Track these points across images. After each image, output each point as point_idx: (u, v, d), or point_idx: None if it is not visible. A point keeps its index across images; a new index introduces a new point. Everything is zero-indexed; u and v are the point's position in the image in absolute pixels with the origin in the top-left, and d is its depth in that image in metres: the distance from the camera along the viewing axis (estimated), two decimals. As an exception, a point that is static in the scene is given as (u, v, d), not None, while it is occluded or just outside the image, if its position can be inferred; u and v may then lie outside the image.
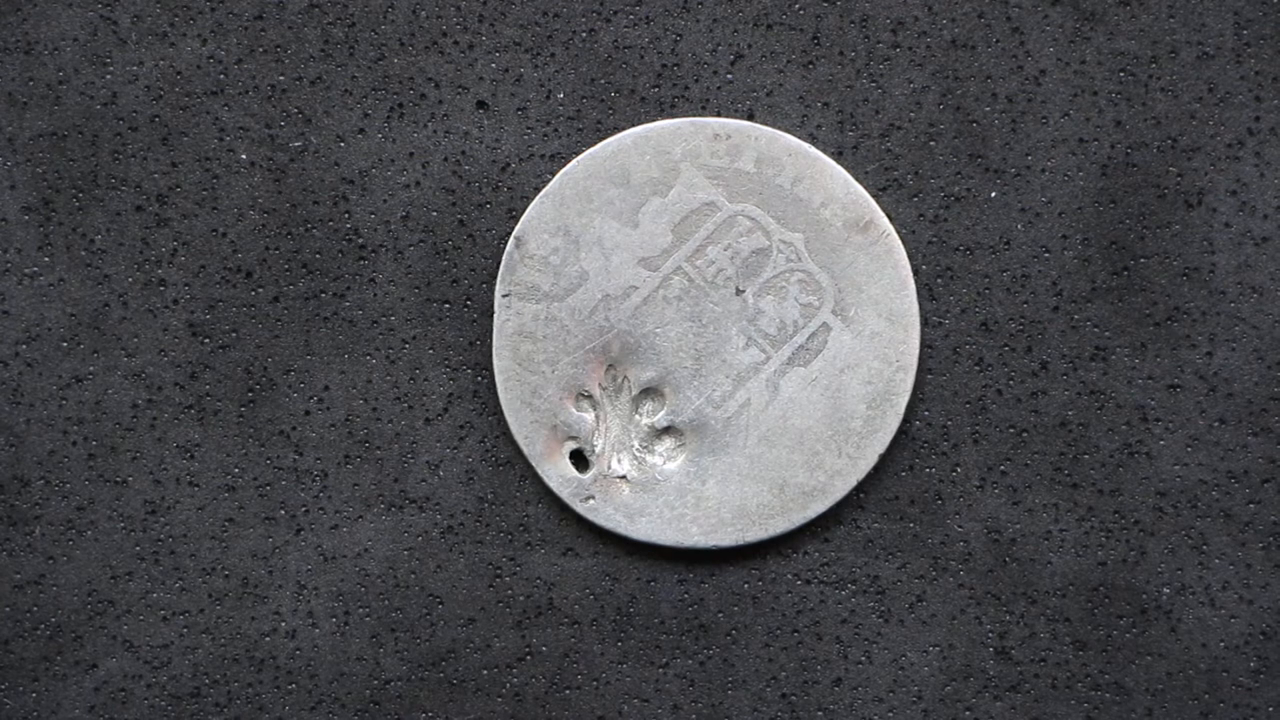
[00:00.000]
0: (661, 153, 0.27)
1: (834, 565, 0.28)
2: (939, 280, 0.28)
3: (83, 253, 0.28)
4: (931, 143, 0.28)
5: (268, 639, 0.28)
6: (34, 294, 0.28)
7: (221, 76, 0.28)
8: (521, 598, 0.28)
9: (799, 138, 0.28)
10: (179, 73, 0.28)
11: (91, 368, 0.28)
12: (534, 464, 0.27)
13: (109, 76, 0.28)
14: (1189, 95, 0.28)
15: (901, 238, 0.28)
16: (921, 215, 0.28)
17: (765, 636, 0.28)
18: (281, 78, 0.28)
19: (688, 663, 0.28)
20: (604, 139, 0.28)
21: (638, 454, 0.27)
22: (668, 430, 0.27)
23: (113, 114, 0.28)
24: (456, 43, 0.28)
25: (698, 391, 0.27)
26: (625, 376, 0.27)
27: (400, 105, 0.28)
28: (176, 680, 0.28)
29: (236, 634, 0.28)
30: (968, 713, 0.28)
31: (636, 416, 0.27)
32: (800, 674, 0.28)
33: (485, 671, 0.28)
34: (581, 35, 0.28)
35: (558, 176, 0.27)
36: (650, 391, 0.27)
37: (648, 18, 0.28)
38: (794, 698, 0.28)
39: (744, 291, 0.27)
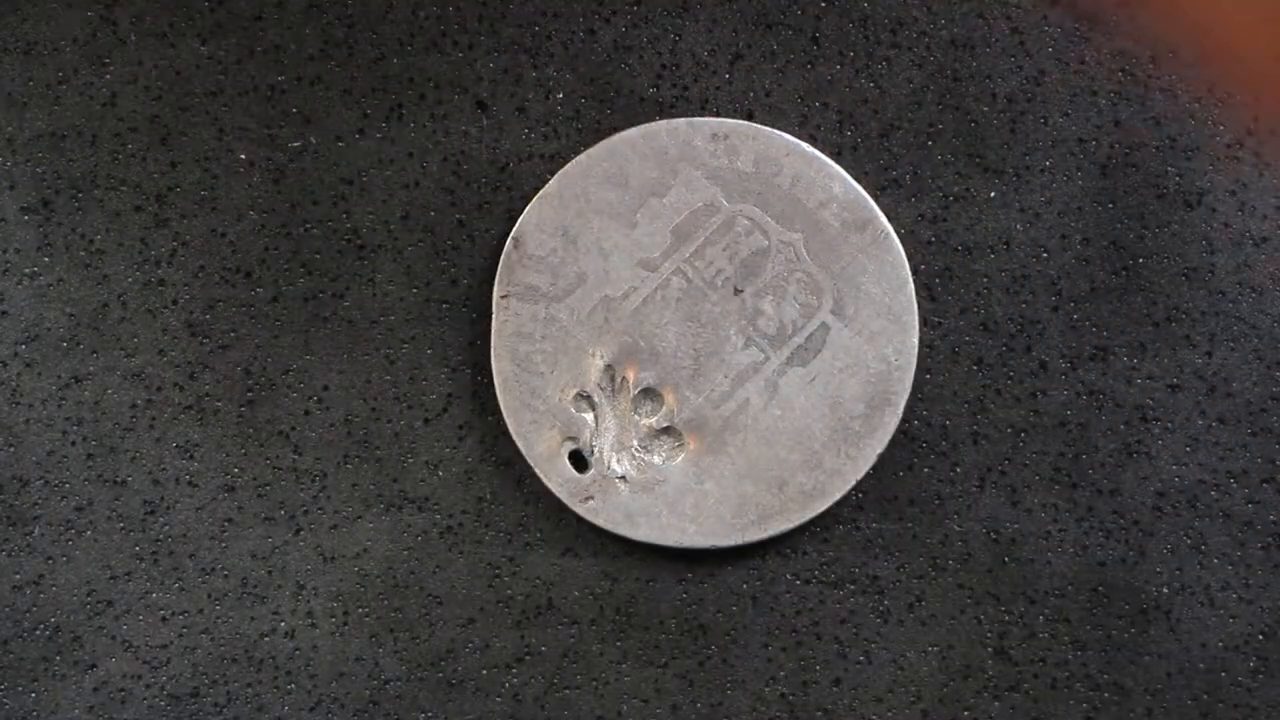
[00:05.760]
0: (660, 153, 0.27)
1: (833, 565, 0.28)
2: (938, 280, 0.28)
3: (82, 253, 0.28)
4: (931, 143, 0.28)
5: (267, 639, 0.28)
6: (33, 294, 0.28)
7: (221, 77, 0.28)
8: (521, 598, 0.28)
9: (798, 138, 0.28)
10: (178, 73, 0.28)
11: (91, 368, 0.28)
12: (533, 465, 0.27)
13: (108, 77, 0.28)
14: (1188, 95, 0.28)
15: (901, 238, 0.28)
16: (921, 215, 0.28)
17: (764, 637, 0.28)
18: (281, 78, 0.28)
19: (687, 663, 0.28)
20: (603, 139, 0.28)
21: (637, 454, 0.27)
22: (667, 431, 0.27)
23: (112, 114, 0.28)
24: (456, 43, 0.28)
25: (697, 392, 0.27)
26: (624, 377, 0.27)
27: (399, 105, 0.28)
28: (175, 680, 0.28)
29: (235, 634, 0.28)
30: (967, 713, 0.28)
31: (635, 417, 0.27)
32: (799, 674, 0.28)
33: (484, 672, 0.28)
34: (581, 35, 0.28)
35: (556, 177, 0.27)
36: (649, 392, 0.27)
37: (647, 18, 0.28)
38: (793, 698, 0.28)
39: (743, 292, 0.27)
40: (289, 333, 0.28)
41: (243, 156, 0.28)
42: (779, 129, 0.28)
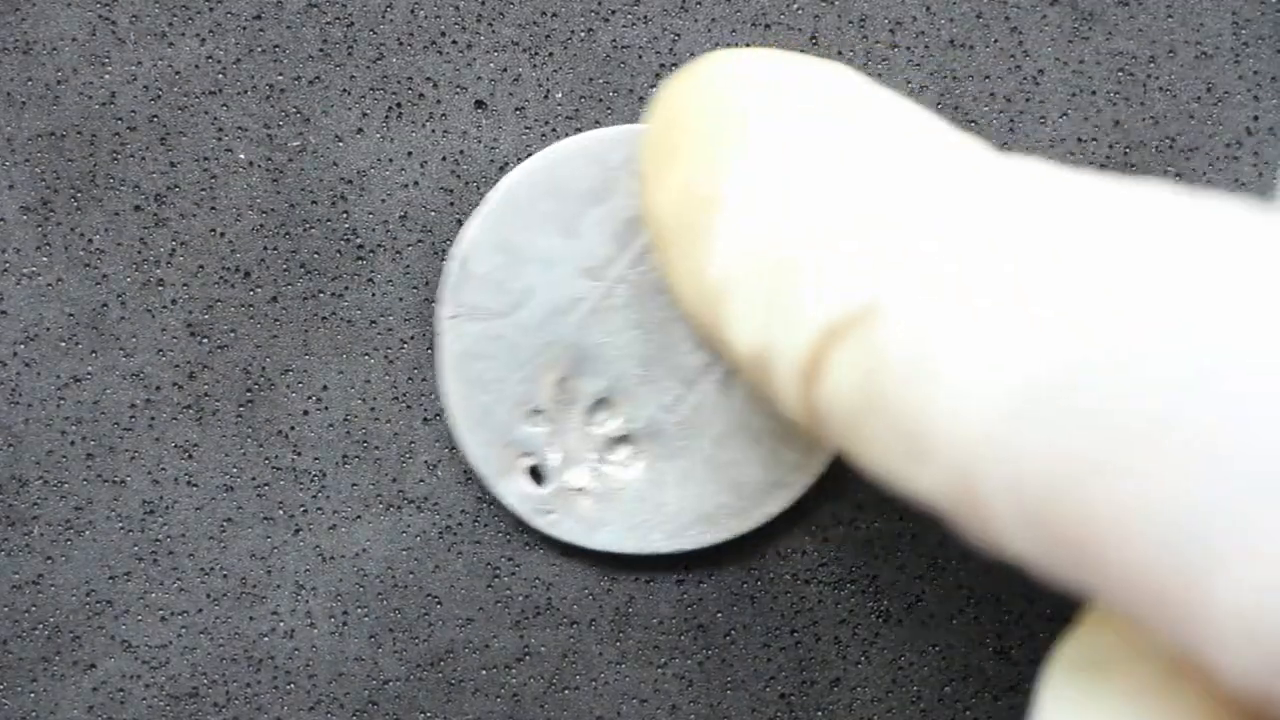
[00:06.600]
0: (598, 162, 0.27)
1: (832, 565, 0.28)
2: (938, 280, 0.28)
3: (81, 253, 0.28)
4: (930, 142, 0.28)
5: (266, 639, 0.28)
6: (32, 294, 0.28)
7: (220, 76, 0.28)
8: (520, 598, 0.28)
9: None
10: (177, 73, 0.28)
11: (90, 368, 0.28)
12: (491, 483, 0.27)
13: (107, 76, 0.28)
14: (1187, 95, 0.28)
15: (900, 238, 0.28)
16: (920, 215, 0.28)
17: (764, 637, 0.28)
18: (280, 77, 0.28)
19: (686, 663, 0.28)
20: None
21: (595, 465, 0.27)
22: (623, 439, 0.27)
23: (111, 114, 0.28)
24: (455, 42, 0.28)
25: (650, 398, 0.27)
26: (577, 388, 0.27)
27: (399, 105, 0.28)
28: (175, 680, 0.28)
29: (235, 634, 0.28)
30: (967, 713, 0.28)
31: (591, 427, 0.27)
32: (798, 674, 0.28)
33: (483, 672, 0.28)
34: (580, 35, 0.28)
35: (496, 192, 0.27)
36: (603, 401, 0.27)
37: (646, 17, 0.28)
38: (792, 698, 0.28)
39: None
40: (289, 333, 0.28)
41: (241, 156, 0.28)
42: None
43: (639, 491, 0.27)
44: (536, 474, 0.27)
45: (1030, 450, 0.16)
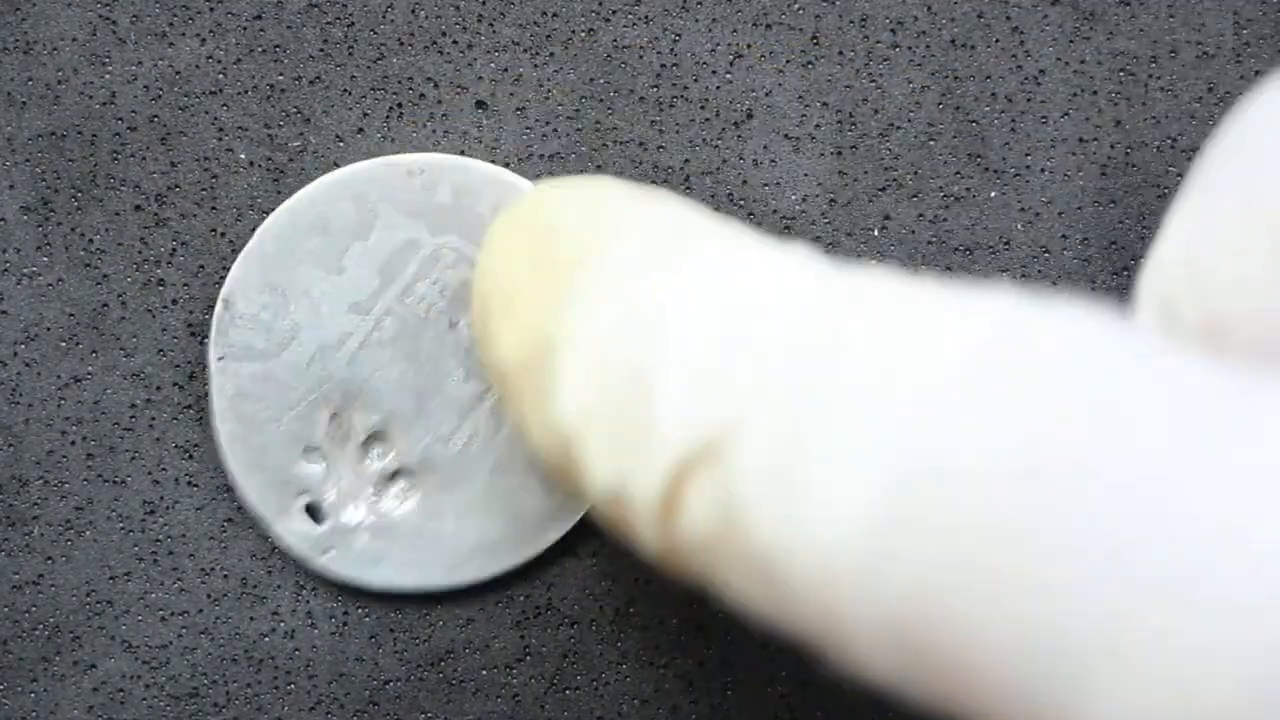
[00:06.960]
0: (357, 196, 0.27)
1: (833, 565, 0.28)
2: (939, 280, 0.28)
3: (81, 252, 0.28)
4: (931, 142, 0.28)
5: (266, 639, 0.28)
6: (33, 294, 0.28)
7: (220, 76, 0.28)
8: (520, 598, 0.28)
9: (794, 137, 0.28)
10: (178, 72, 0.28)
11: (90, 368, 0.28)
12: (270, 523, 0.27)
13: (108, 76, 0.28)
14: (1189, 95, 0.28)
15: (901, 238, 0.28)
16: (921, 215, 0.28)
17: (764, 637, 0.28)
18: (280, 77, 0.28)
19: (687, 663, 0.28)
20: (598, 141, 0.27)
21: (372, 500, 0.27)
22: (399, 473, 0.27)
23: (111, 114, 0.28)
24: (455, 42, 0.28)
25: (424, 430, 0.27)
26: (351, 424, 0.27)
27: (399, 105, 0.28)
28: (175, 680, 0.28)
29: (235, 634, 0.28)
30: (967, 713, 0.28)
31: (366, 462, 0.27)
32: (799, 674, 0.28)
33: (484, 672, 0.28)
34: (581, 35, 0.28)
35: (257, 233, 0.27)
36: (377, 436, 0.27)
37: (647, 17, 0.28)
38: (792, 698, 0.28)
39: (458, 324, 0.27)
40: (289, 333, 0.28)
41: (242, 156, 0.28)
42: (777, 129, 0.28)
43: (417, 526, 0.27)
44: (314, 512, 0.27)
45: (892, 569, 0.15)
